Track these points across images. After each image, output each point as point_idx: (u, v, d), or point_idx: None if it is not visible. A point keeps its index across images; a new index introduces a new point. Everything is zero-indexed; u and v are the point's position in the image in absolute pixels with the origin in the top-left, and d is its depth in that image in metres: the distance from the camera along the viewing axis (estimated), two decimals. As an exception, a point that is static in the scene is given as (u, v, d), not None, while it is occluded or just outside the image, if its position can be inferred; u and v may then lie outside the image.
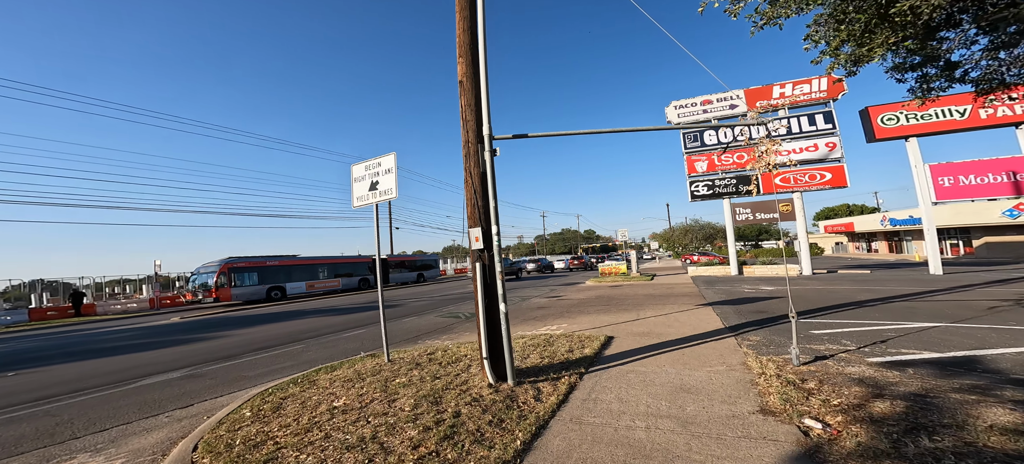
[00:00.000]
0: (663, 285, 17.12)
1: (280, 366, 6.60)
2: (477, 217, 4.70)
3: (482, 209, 4.69)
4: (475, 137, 4.85)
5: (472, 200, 4.75)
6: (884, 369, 4.38)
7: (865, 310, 8.21)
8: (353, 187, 6.15)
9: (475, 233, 4.63)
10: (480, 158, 4.75)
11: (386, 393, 4.38)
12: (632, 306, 11.03)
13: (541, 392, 4.32)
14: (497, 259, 4.50)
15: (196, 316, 17.65)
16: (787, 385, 4.07)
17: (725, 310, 9.31)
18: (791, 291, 12.42)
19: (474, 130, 4.86)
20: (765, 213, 21.05)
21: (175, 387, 5.59)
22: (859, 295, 10.57)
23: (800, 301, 10.13)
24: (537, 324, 9.27)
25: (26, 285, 27.49)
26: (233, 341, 9.62)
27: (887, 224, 38.49)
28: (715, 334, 6.84)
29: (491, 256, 4.60)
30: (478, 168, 4.76)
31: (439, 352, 6.27)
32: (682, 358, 5.49)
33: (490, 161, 4.63)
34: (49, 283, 28.62)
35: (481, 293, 4.52)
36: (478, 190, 4.72)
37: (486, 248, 4.63)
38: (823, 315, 8.00)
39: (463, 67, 5.07)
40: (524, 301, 14.66)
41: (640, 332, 7.42)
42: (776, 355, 5.25)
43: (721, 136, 22.09)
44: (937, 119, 16.92)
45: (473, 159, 4.80)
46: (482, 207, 4.70)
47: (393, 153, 5.86)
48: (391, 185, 5.79)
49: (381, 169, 5.93)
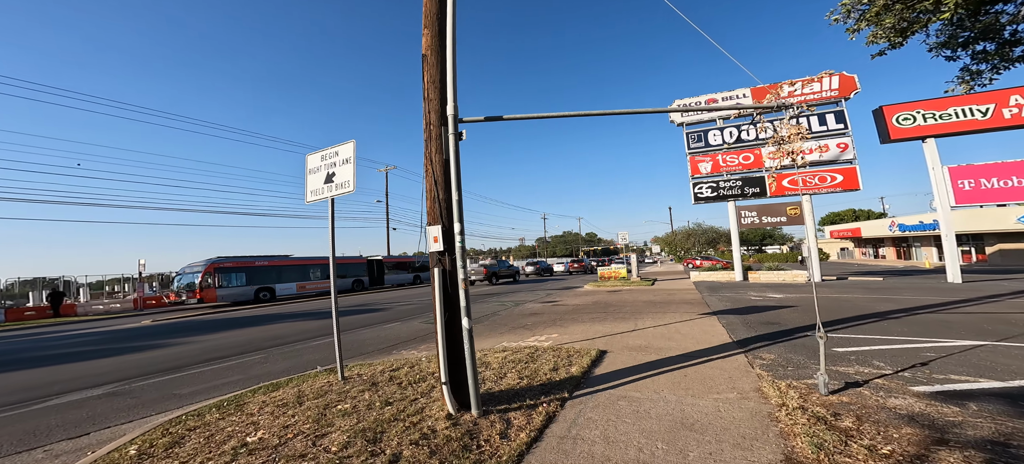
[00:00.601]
0: (664, 291, 16.25)
1: (224, 381, 5.80)
2: (437, 212, 3.89)
3: (443, 203, 3.89)
4: (438, 117, 4.06)
5: (432, 192, 3.95)
6: (938, 402, 3.53)
7: (890, 323, 7.33)
8: (307, 180, 5.37)
9: (434, 232, 3.82)
10: (443, 142, 3.96)
11: (318, 424, 3.57)
12: (630, 314, 10.18)
13: (511, 426, 3.50)
14: (460, 264, 3.68)
15: (169, 319, 16.87)
16: (817, 423, 3.23)
17: (731, 321, 8.45)
18: (801, 300, 11.68)
19: (437, 110, 4.07)
20: (772, 216, 20.16)
21: (86, 408, 4.80)
22: (878, 305, 9.69)
23: (813, 312, 9.25)
24: (525, 333, 8.44)
25: (27, 283, 26.93)
26: (191, 349, 8.83)
27: (896, 230, 37.45)
28: (722, 350, 5.99)
29: (453, 260, 3.79)
30: (440, 154, 3.97)
31: (405, 369, 5.45)
32: (684, 381, 4.65)
33: (454, 146, 3.83)
34: (51, 281, 28.09)
35: (440, 306, 3.70)
36: (439, 180, 3.92)
37: (447, 250, 3.82)
38: (843, 328, 7.13)
39: (428, 39, 4.29)
40: (517, 306, 13.83)
41: (637, 346, 6.58)
42: (797, 379, 4.41)
43: (726, 136, 21.27)
44: (957, 119, 16.03)
45: (435, 143, 4.00)
46: (443, 201, 3.89)
47: (352, 141, 5.08)
48: (348, 177, 5.00)
49: (338, 159, 5.14)
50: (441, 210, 3.88)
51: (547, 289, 21.02)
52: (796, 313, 9.03)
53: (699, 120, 21.88)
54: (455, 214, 3.72)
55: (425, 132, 4.13)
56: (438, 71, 4.18)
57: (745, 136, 20.86)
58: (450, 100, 3.93)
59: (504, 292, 20.53)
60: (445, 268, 3.78)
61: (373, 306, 16.94)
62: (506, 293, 19.81)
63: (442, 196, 3.89)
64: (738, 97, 21.47)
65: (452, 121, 3.88)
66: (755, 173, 20.42)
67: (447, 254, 3.79)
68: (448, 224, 3.83)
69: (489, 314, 12.11)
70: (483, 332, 8.99)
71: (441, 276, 3.74)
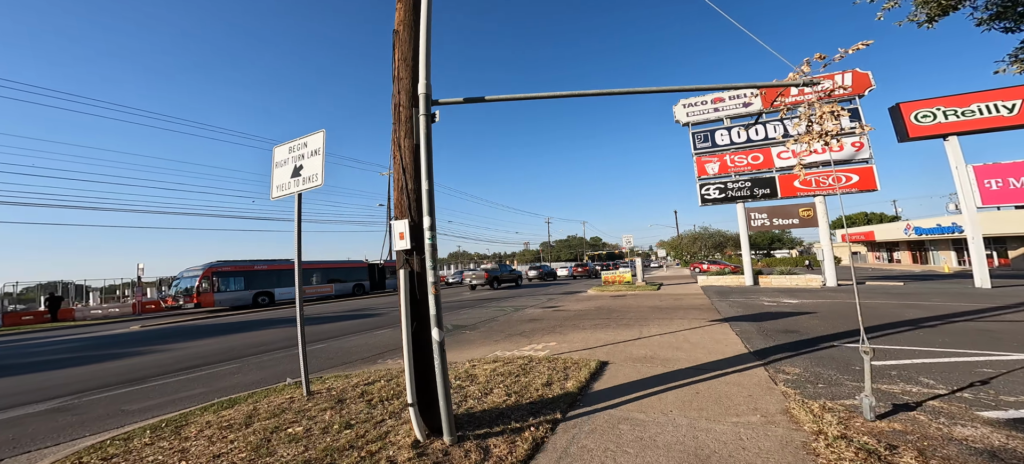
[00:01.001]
0: (670, 296, 15.53)
1: (184, 395, 5.25)
2: (405, 205, 3.32)
3: (412, 194, 3.33)
4: (409, 98, 3.51)
5: (400, 182, 3.38)
6: (1022, 434, 2.86)
7: (926, 333, 6.60)
8: (273, 174, 4.85)
9: (400, 227, 3.24)
10: (414, 125, 3.40)
11: (257, 454, 2.99)
12: (635, 320, 9.52)
13: (488, 456, 2.90)
14: (429, 265, 3.10)
15: (160, 324, 16.46)
16: (868, 458, 2.59)
17: (745, 328, 7.76)
18: (819, 306, 10.90)
19: (408, 90, 3.53)
20: (784, 219, 19.35)
21: (16, 428, 4.27)
22: (907, 312, 8.92)
23: (836, 318, 8.52)
24: (521, 341, 7.83)
25: (44, 286, 26.94)
26: (167, 357, 8.34)
27: (911, 233, 36.22)
28: (738, 362, 5.33)
29: (422, 261, 3.21)
30: (410, 138, 3.41)
31: (380, 383, 4.87)
32: (696, 399, 4.02)
33: (426, 129, 3.27)
34: (65, 285, 28.11)
35: (406, 314, 3.12)
36: (408, 168, 3.36)
37: (415, 249, 3.24)
38: (875, 338, 6.42)
39: (401, 12, 3.77)
40: (517, 311, 13.21)
41: (641, 356, 5.94)
42: (832, 399, 3.75)
43: (734, 136, 20.55)
44: (981, 115, 15.19)
45: (404, 127, 3.45)
46: (413, 191, 3.33)
47: (322, 131, 4.56)
48: (317, 169, 4.47)
49: (307, 150, 4.62)
50: (409, 202, 3.31)
51: (549, 294, 20.37)
52: (817, 321, 8.31)
53: (706, 120, 21.20)
54: (425, 206, 3.14)
55: (393, 115, 3.58)
56: (410, 48, 3.65)
57: (754, 135, 20.13)
58: (422, 78, 3.38)
59: (505, 297, 19.92)
60: (413, 269, 3.21)
61: (369, 311, 16.42)
62: (507, 298, 19.20)
63: (411, 186, 3.33)
64: (745, 95, 20.78)
65: (424, 101, 3.32)
66: (765, 173, 19.66)
67: (415, 253, 3.22)
68: (417, 218, 3.26)
69: (487, 319, 11.51)
70: (478, 339, 8.39)
71: (408, 279, 3.16)
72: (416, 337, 3.13)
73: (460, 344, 8.05)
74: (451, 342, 8.28)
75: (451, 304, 17.50)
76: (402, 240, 3.16)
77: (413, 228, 3.22)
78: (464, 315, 12.98)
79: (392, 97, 3.65)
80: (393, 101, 3.62)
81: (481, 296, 21.41)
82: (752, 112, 20.41)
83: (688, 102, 21.70)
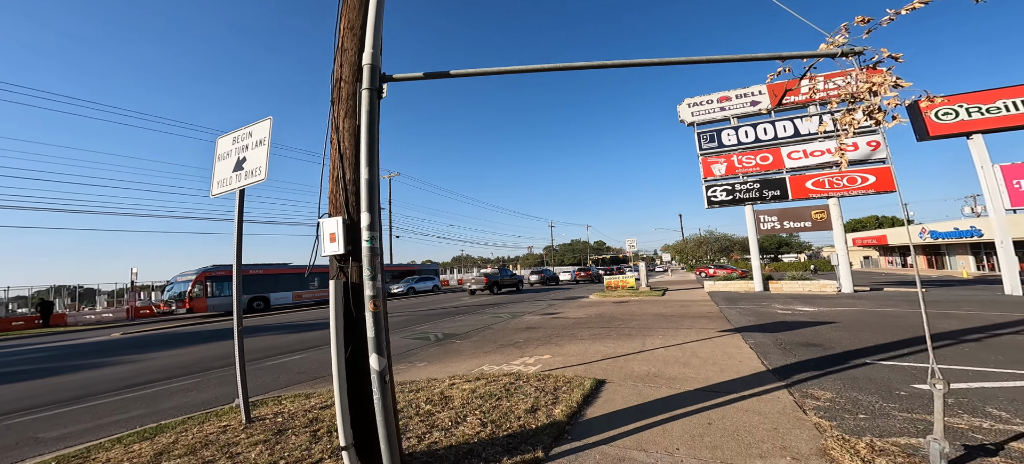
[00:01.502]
0: (676, 302, 14.72)
1: (119, 417, 4.62)
2: (341, 199, 2.66)
3: (351, 185, 2.67)
4: (352, 71, 2.87)
5: (335, 171, 2.73)
6: None
7: (973, 348, 5.80)
8: (215, 168, 4.22)
9: (331, 227, 2.57)
10: (357, 103, 2.75)
11: (141, 515, 2.32)
12: (638, 329, 8.77)
13: (439, 521, 2.20)
14: (368, 274, 2.40)
15: (141, 332, 15.90)
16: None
17: (760, 340, 7.00)
18: (839, 314, 10.01)
19: (352, 62, 2.88)
20: (795, 221, 18.48)
21: None
22: (942, 323, 8.07)
23: (862, 329, 7.72)
24: (513, 353, 7.12)
25: (53, 290, 26.77)
26: (127, 370, 7.73)
27: (927, 237, 34.99)
28: (755, 383, 4.59)
29: (360, 269, 2.53)
30: (352, 119, 2.76)
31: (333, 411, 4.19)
32: (708, 433, 3.30)
33: (369, 106, 2.60)
34: (73, 289, 27.93)
35: (337, 336, 2.44)
36: (347, 154, 2.71)
37: (351, 255, 2.57)
38: (912, 355, 5.63)
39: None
40: (514, 318, 12.50)
41: (644, 373, 5.21)
42: (881, 436, 3.02)
43: (742, 136, 19.75)
44: (1007, 112, 14.31)
45: (345, 105, 2.81)
46: (351, 182, 2.67)
47: (269, 119, 3.93)
48: (261, 162, 3.84)
49: (252, 140, 3.99)
50: (346, 196, 2.64)
51: (550, 299, 19.62)
52: (840, 332, 7.51)
53: (711, 119, 20.46)
54: (364, 201, 2.45)
55: (333, 92, 2.93)
56: (359, 13, 3.01)
57: (762, 135, 19.33)
58: (369, 46, 2.71)
59: (504, 302, 19.20)
60: (349, 280, 2.53)
61: (361, 317, 15.78)
62: (505, 303, 18.48)
63: (350, 176, 2.67)
64: (753, 94, 20.02)
65: (369, 73, 2.65)
66: (774, 174, 18.83)
67: (352, 260, 2.54)
68: (355, 215, 2.59)
69: (480, 327, 10.81)
70: (467, 350, 7.70)
71: (341, 292, 2.49)
72: (352, 365, 2.45)
73: (447, 355, 7.37)
74: (438, 353, 7.59)
75: (447, 310, 16.82)
76: (333, 243, 2.48)
77: (349, 228, 2.54)
78: (458, 322, 12.29)
79: (332, 73, 3.01)
80: (333, 77, 2.97)
81: (480, 301, 20.72)
82: (760, 111, 19.64)
83: (693, 101, 20.99)
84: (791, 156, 18.56)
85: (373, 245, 2.35)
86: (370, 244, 2.34)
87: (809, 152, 18.11)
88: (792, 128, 18.74)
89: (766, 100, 19.48)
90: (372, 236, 2.36)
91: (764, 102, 19.51)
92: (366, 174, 2.46)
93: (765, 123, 19.39)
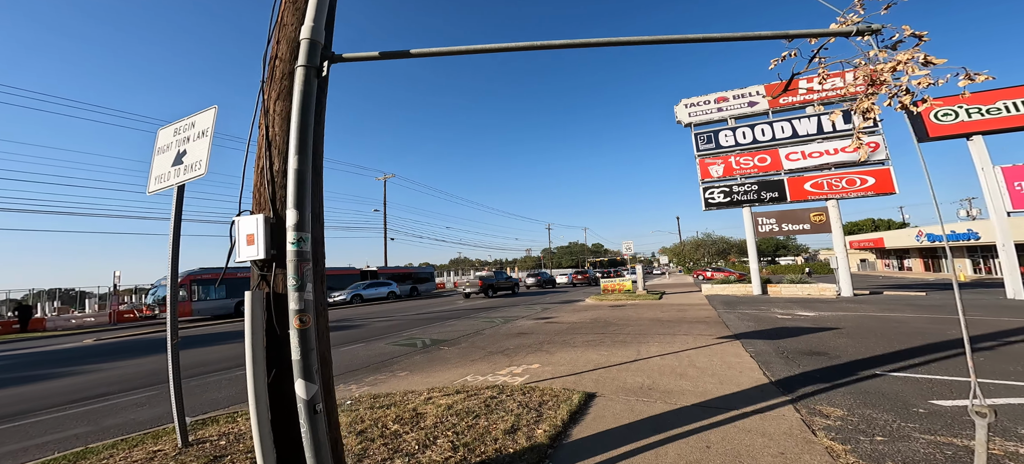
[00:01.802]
0: (673, 306, 14.36)
1: (53, 437, 4.18)
2: (266, 194, 2.26)
3: (278, 177, 2.25)
4: (291, 48, 2.47)
5: (261, 161, 2.32)
6: None
7: (988, 358, 5.45)
8: (153, 162, 3.80)
9: (249, 227, 2.14)
10: (292, 84, 2.34)
11: None
12: (633, 335, 8.39)
13: None
14: (295, 284, 1.95)
15: (115, 338, 15.30)
16: None
17: (761, 349, 6.62)
18: (841, 319, 9.65)
19: (292, 37, 2.48)
20: (794, 223, 18.19)
21: None
22: (949, 329, 7.73)
23: (867, 336, 7.36)
24: (501, 362, 6.72)
25: (31, 294, 26.08)
26: (86, 380, 7.27)
27: (923, 240, 34.90)
28: (758, 398, 4.21)
29: (284, 277, 2.09)
30: (285, 101, 2.36)
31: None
32: (706, 458, 2.91)
33: (302, 85, 2.17)
34: (53, 291, 27.25)
35: (254, 355, 2.01)
36: (277, 142, 2.31)
37: (275, 260, 2.15)
38: (926, 363, 5.27)
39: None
40: (506, 323, 12.09)
41: (637, 386, 4.82)
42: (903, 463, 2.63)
43: (739, 137, 19.48)
44: (1007, 113, 14.10)
45: (279, 86, 2.41)
46: (279, 173, 2.26)
47: (213, 107, 3.52)
48: (202, 155, 3.43)
49: (194, 132, 3.58)
50: (273, 190, 2.23)
51: (545, 303, 19.22)
52: (845, 339, 7.15)
53: (708, 120, 20.19)
54: (292, 197, 2.01)
55: (265, 71, 2.53)
56: None
57: (760, 136, 19.08)
58: (310, 20, 2.29)
59: (498, 306, 18.79)
60: (272, 291, 2.11)
61: (350, 322, 15.31)
62: (500, 307, 18.07)
63: (278, 166, 2.26)
64: (751, 95, 19.77)
65: (307, 49, 2.23)
66: (773, 176, 18.56)
67: (276, 266, 2.12)
68: (280, 212, 2.18)
69: (470, 333, 10.39)
70: (453, 358, 7.29)
71: (261, 305, 2.06)
72: (277, 391, 2.03)
73: (431, 364, 6.96)
74: (422, 361, 7.17)
75: (439, 314, 16.38)
76: (251, 246, 2.07)
77: (273, 227, 2.13)
78: (448, 327, 11.86)
79: (267, 52, 2.60)
80: (268, 55, 2.56)
81: (474, 305, 20.30)
82: (758, 112, 19.39)
83: (690, 102, 20.72)
84: (789, 157, 18.30)
85: (301, 248, 1.94)
86: (297, 246, 1.93)
87: (808, 153, 17.86)
88: (790, 129, 18.50)
89: (764, 101, 19.23)
90: (300, 237, 1.94)
91: (762, 103, 19.26)
92: (295, 164, 2.04)
93: (763, 124, 19.14)
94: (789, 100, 18.69)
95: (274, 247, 2.11)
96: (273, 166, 2.23)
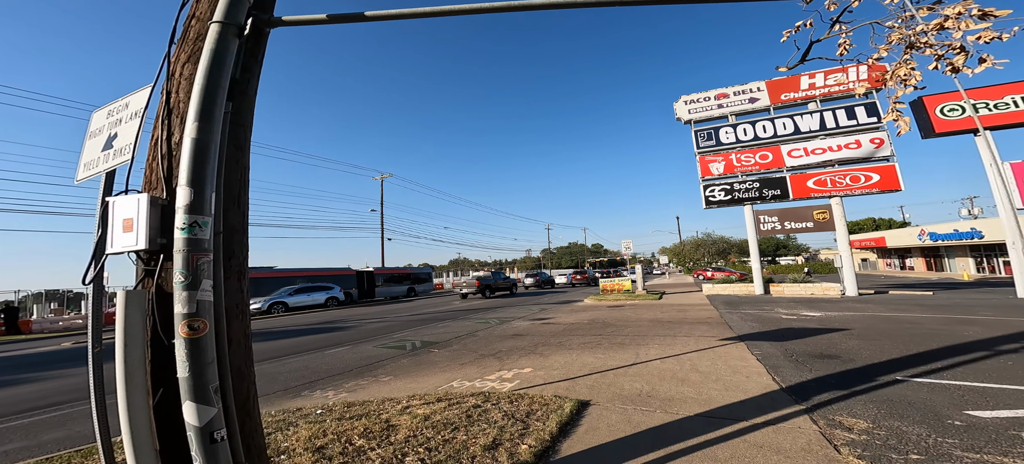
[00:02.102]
0: (674, 306, 13.95)
1: None
2: (161, 170, 1.86)
3: (176, 148, 1.84)
4: (210, 6, 2.06)
5: (157, 131, 1.91)
6: None
7: (1016, 361, 5.04)
8: (84, 147, 3.36)
9: (127, 210, 1.73)
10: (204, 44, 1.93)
11: None
12: (632, 338, 7.98)
13: None
14: (183, 281, 1.53)
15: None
16: None
17: (768, 351, 6.22)
18: (849, 320, 9.11)
19: None
20: (796, 222, 17.80)
21: None
22: (964, 330, 7.33)
23: (879, 338, 6.96)
24: (492, 365, 6.31)
25: (30, 296, 25.69)
26: (47, 387, 6.83)
27: (926, 239, 34.52)
28: (768, 407, 3.80)
29: (172, 272, 1.66)
30: (194, 63, 1.95)
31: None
32: (720, 486, 2.49)
33: (215, 42, 1.76)
34: (62, 293, 26.87)
35: (126, 369, 1.59)
36: (179, 108, 1.92)
37: (163, 251, 1.74)
38: (946, 368, 4.87)
39: None
40: (502, 324, 11.68)
41: (635, 393, 4.41)
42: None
43: (740, 134, 19.08)
44: (1016, 108, 13.73)
45: (191, 46, 2.05)
46: (176, 144, 1.85)
47: (149, 86, 3.08)
48: (131, 138, 2.98)
49: (127, 113, 3.13)
50: (170, 164, 1.82)
51: (543, 303, 18.80)
52: (856, 340, 6.75)
53: (709, 117, 19.82)
54: (186, 173, 1.58)
55: (180, 31, 2.12)
56: None
57: (762, 132, 18.69)
58: None
59: (495, 307, 18.37)
60: (161, 290, 1.69)
61: (340, 323, 14.90)
62: (496, 308, 17.66)
63: (177, 137, 1.84)
64: (751, 91, 19.39)
65: (226, 4, 1.82)
66: (775, 173, 18.17)
67: (165, 258, 1.71)
68: (171, 192, 1.76)
69: (463, 334, 9.98)
70: (442, 361, 6.88)
71: (139, 308, 1.65)
72: (161, 414, 1.61)
73: (418, 367, 6.55)
74: (409, 365, 6.76)
75: (433, 315, 15.96)
76: (129, 232, 1.65)
77: (162, 210, 1.71)
78: (441, 329, 11.45)
79: (186, 8, 2.19)
80: (186, 15, 2.15)
81: (470, 306, 19.88)
82: (759, 108, 19.00)
83: (690, 98, 20.34)
84: (791, 154, 17.91)
85: (194, 235, 1.52)
86: (188, 233, 1.51)
87: (810, 150, 17.46)
88: (792, 125, 18.11)
89: (765, 97, 18.85)
90: (193, 222, 1.53)
91: (763, 99, 18.88)
92: (194, 132, 1.62)
93: (764, 120, 18.76)
94: (791, 96, 18.32)
95: (163, 235, 1.69)
96: (173, 138, 1.82)
